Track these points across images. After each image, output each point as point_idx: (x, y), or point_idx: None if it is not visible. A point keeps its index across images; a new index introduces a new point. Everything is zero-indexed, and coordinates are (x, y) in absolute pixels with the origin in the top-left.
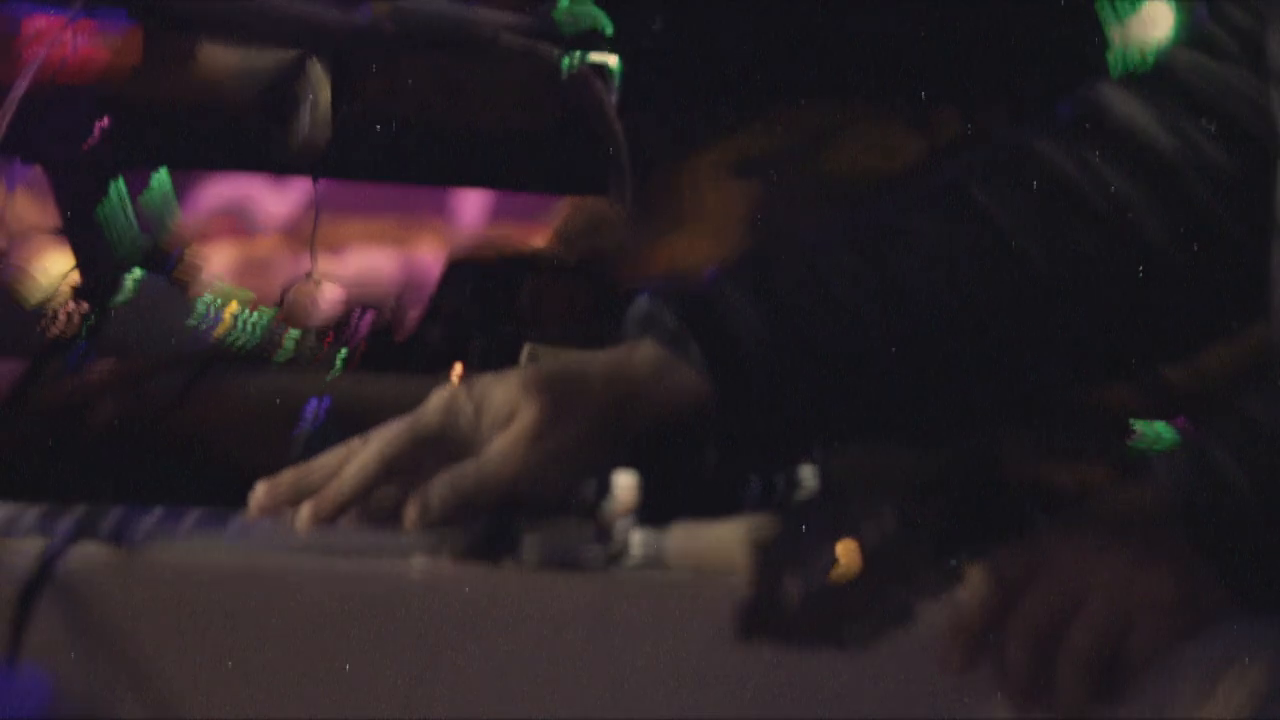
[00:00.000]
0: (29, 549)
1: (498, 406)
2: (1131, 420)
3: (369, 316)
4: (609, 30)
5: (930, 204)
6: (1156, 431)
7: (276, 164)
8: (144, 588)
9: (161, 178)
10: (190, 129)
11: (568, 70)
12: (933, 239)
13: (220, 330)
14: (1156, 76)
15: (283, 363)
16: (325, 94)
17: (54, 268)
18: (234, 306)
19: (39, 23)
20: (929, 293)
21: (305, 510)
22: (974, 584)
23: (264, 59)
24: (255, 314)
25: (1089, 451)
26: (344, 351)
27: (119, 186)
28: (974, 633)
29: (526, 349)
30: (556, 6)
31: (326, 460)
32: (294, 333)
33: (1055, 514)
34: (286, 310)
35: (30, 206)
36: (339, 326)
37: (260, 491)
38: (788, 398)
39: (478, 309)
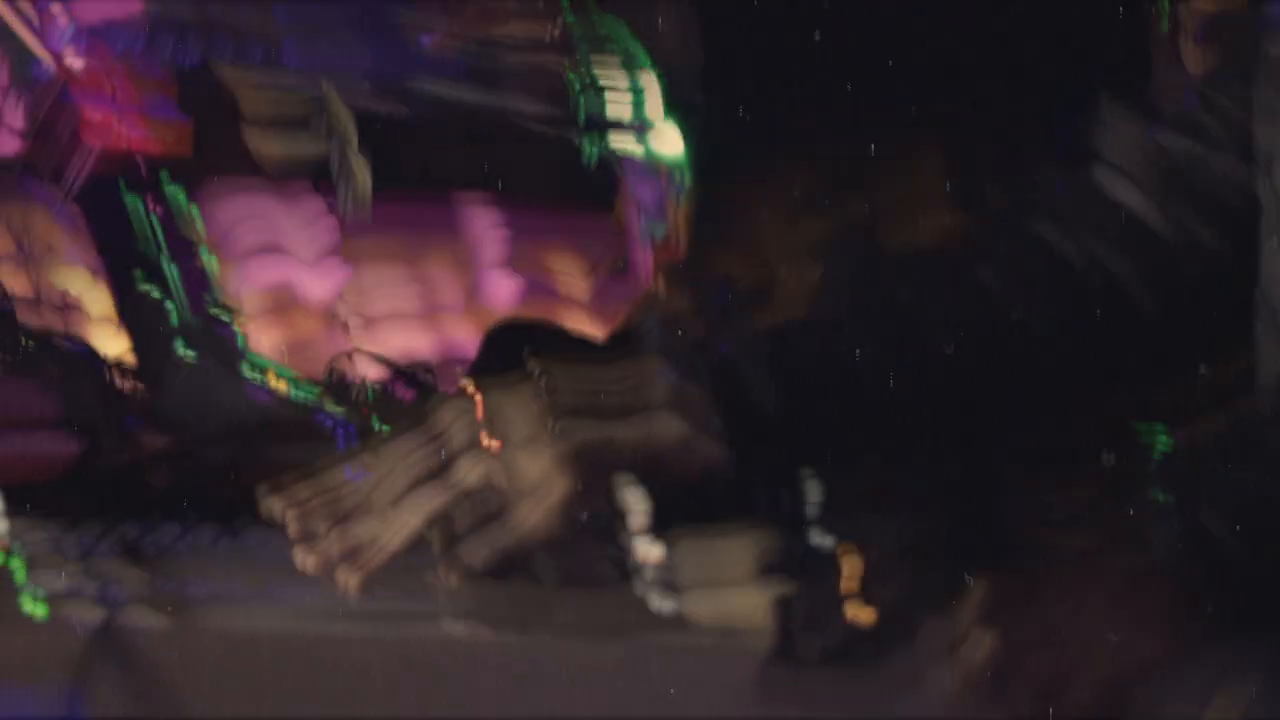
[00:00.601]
0: (90, 612)
1: (531, 476)
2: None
3: (409, 387)
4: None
5: (941, 283)
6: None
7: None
8: (196, 651)
9: (211, 261)
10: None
11: (589, 157)
12: (941, 317)
13: (267, 404)
14: (1152, 159)
15: (326, 431)
16: (365, 177)
17: (110, 349)
18: (281, 383)
19: (97, 114)
20: (937, 367)
21: (348, 576)
22: (979, 638)
23: (307, 147)
24: (300, 388)
25: (1091, 515)
26: (383, 421)
27: (171, 270)
28: (982, 685)
29: (557, 425)
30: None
31: (369, 528)
32: (335, 403)
33: (1060, 577)
34: (331, 385)
35: (92, 289)
36: (380, 399)
37: (309, 555)
38: (803, 459)
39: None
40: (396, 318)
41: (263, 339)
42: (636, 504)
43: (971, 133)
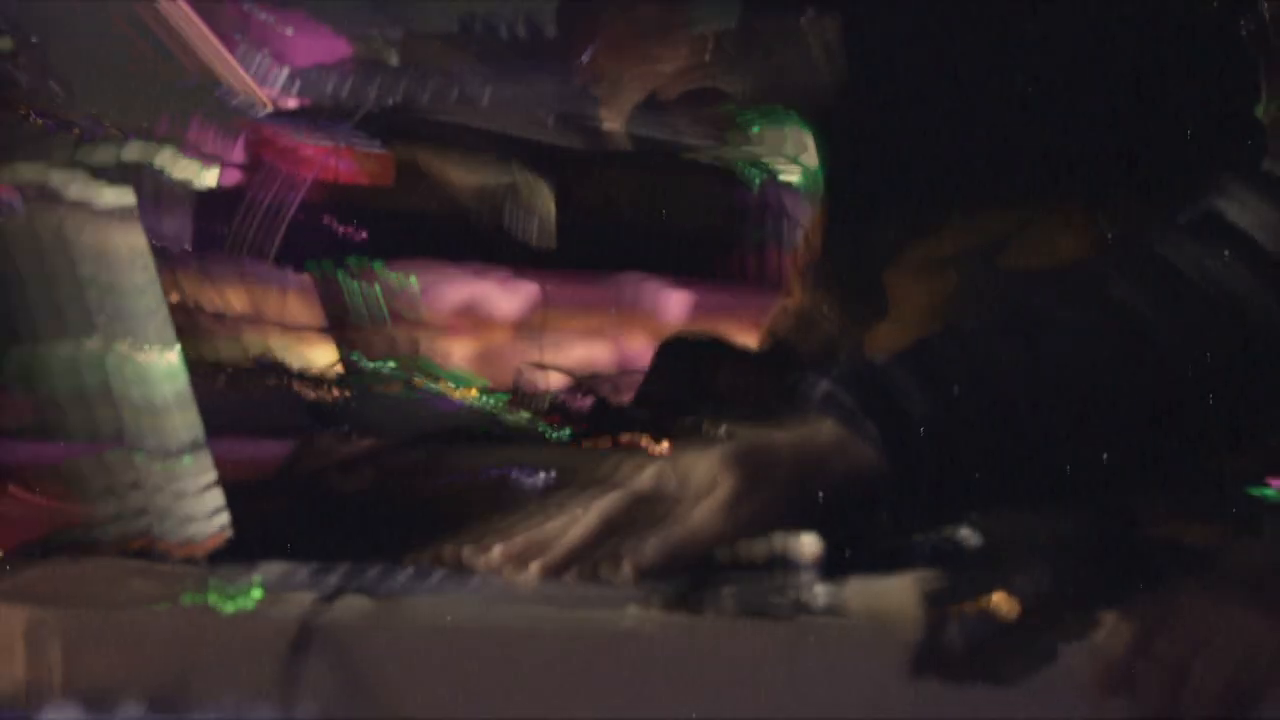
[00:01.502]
0: (301, 601)
1: (700, 478)
2: (1247, 485)
3: (589, 399)
4: (807, 145)
5: (1074, 298)
6: (1265, 494)
7: (510, 265)
8: (397, 636)
9: (411, 282)
10: (436, 238)
11: (757, 187)
12: (1076, 328)
13: (460, 411)
14: (1270, 186)
15: (513, 437)
16: (550, 206)
17: (321, 359)
18: (473, 392)
19: (309, 150)
20: (1073, 375)
21: (534, 568)
22: (1113, 629)
23: (498, 177)
24: (491, 398)
25: (1216, 513)
26: (568, 430)
27: (375, 289)
28: (1113, 672)
29: (724, 428)
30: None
31: (553, 524)
32: (524, 413)
33: (1185, 570)
34: (517, 393)
35: (301, 308)
36: (563, 408)
37: (496, 551)
38: (950, 469)
39: (683, 392)
40: (578, 333)
41: (457, 350)
42: (808, 542)
43: (1111, 191)
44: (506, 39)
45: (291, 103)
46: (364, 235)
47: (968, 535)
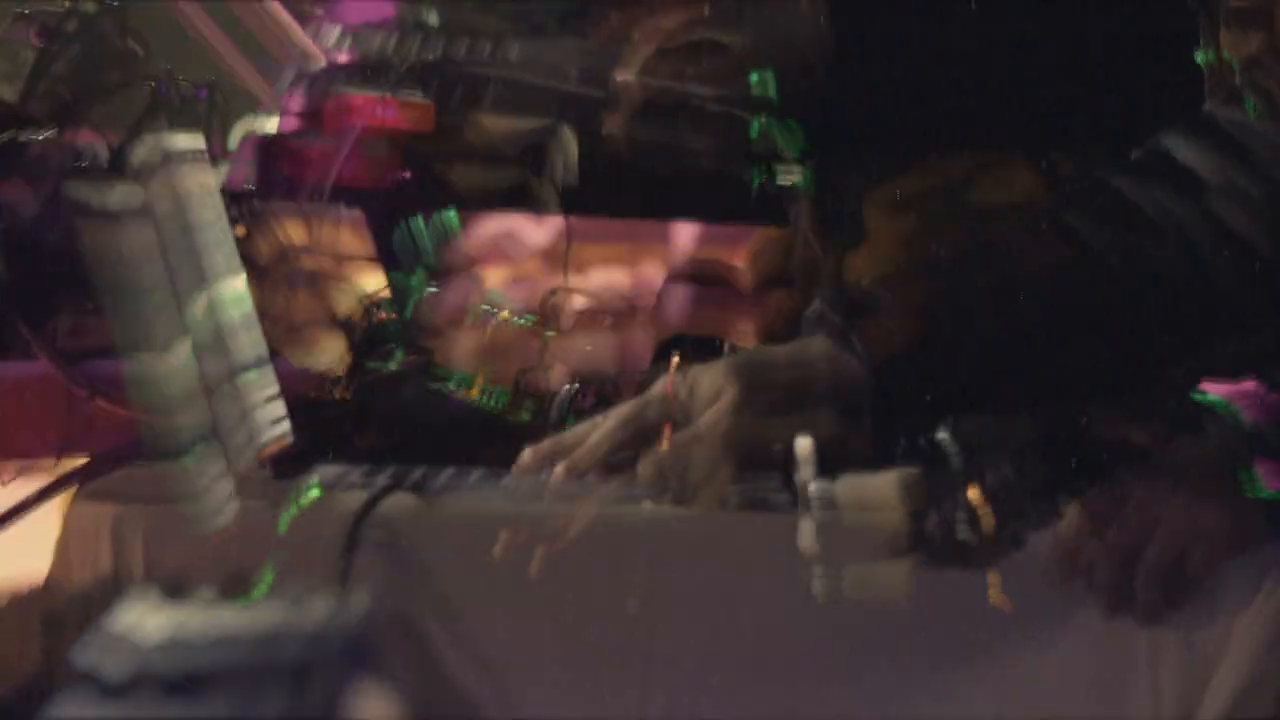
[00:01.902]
0: (355, 499)
1: (707, 387)
2: (1186, 390)
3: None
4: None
5: (1037, 230)
6: (1209, 399)
7: (537, 205)
8: (440, 528)
9: (450, 216)
10: (475, 176)
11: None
12: (1038, 257)
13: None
14: (1210, 128)
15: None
16: (574, 150)
17: (369, 284)
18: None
19: (358, 100)
20: (1033, 299)
21: (561, 468)
22: (1072, 518)
23: (528, 124)
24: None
25: (1160, 415)
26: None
27: (418, 222)
28: (1072, 555)
29: (727, 345)
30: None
31: (577, 430)
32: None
33: (1133, 465)
34: (543, 315)
35: (352, 239)
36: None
37: (526, 454)
38: (926, 380)
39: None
40: (600, 261)
41: (491, 276)
42: (804, 446)
43: (1061, 144)
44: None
45: (343, 57)
46: (408, 177)
47: (943, 438)
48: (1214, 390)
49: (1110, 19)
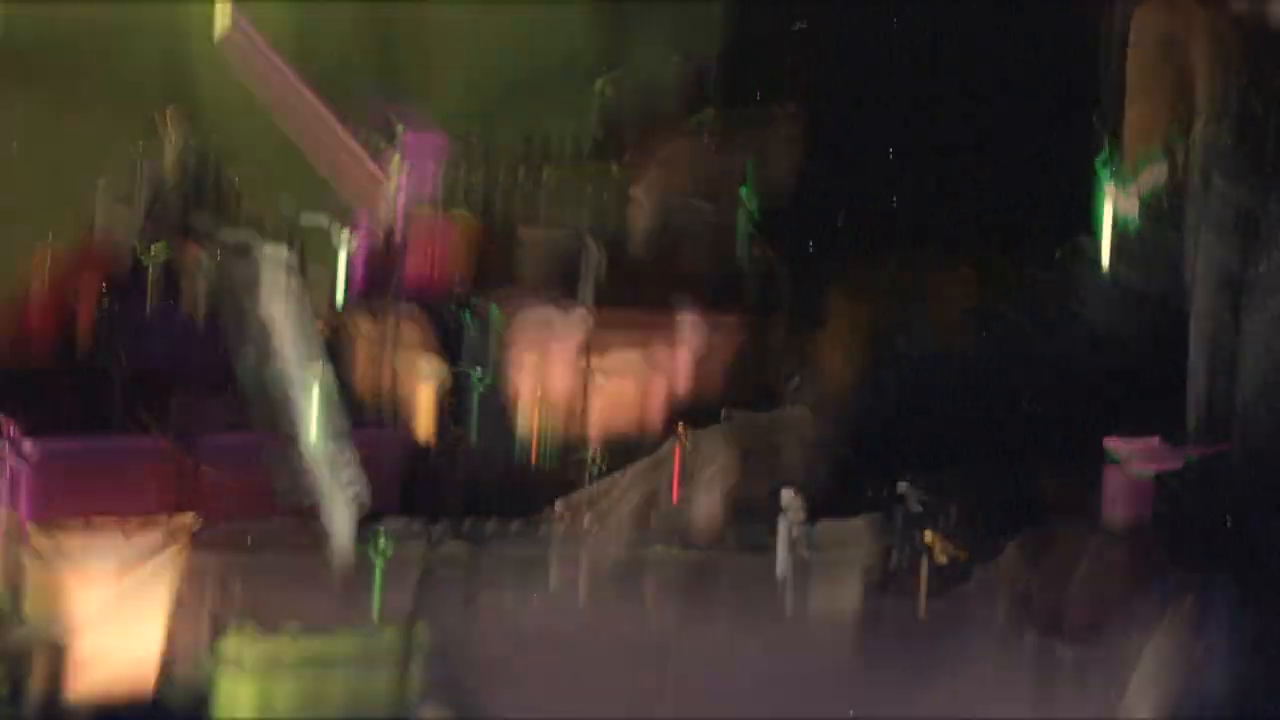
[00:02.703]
0: (418, 546)
1: (707, 449)
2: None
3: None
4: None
5: (979, 322)
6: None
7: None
8: (489, 567)
9: (496, 312)
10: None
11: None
12: (980, 343)
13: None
14: (1124, 237)
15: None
16: (594, 258)
17: (429, 370)
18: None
19: (416, 220)
20: (977, 378)
21: (587, 518)
22: (1009, 555)
23: (558, 237)
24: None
25: (1078, 471)
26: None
27: (467, 316)
28: (1011, 587)
29: (725, 411)
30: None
31: (601, 485)
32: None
33: (1060, 512)
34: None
35: (411, 331)
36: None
37: (559, 505)
38: (889, 443)
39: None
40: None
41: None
42: (787, 495)
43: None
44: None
45: (404, 184)
46: (462, 280)
47: (904, 489)
48: (1122, 446)
49: (1029, 137)
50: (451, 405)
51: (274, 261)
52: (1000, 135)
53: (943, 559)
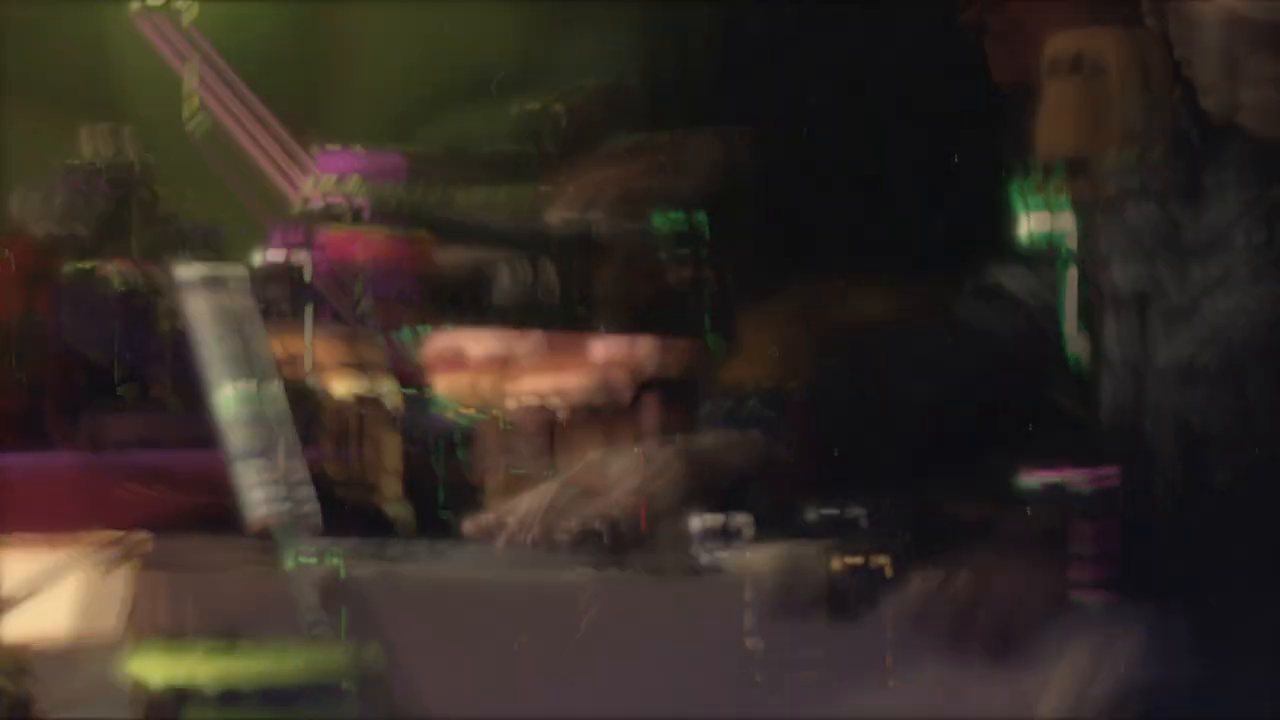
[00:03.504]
0: (328, 565)
1: (621, 471)
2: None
3: (540, 419)
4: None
5: (893, 349)
6: (1035, 485)
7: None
8: (398, 587)
9: (414, 331)
10: (428, 298)
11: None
12: (894, 371)
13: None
14: (1034, 263)
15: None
16: (511, 279)
17: (344, 387)
18: (452, 414)
19: (331, 237)
20: (891, 406)
21: (497, 538)
22: (919, 583)
23: (476, 256)
24: (466, 418)
25: (990, 498)
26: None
27: (381, 336)
28: (919, 614)
29: (640, 434)
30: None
31: (511, 504)
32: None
33: (972, 537)
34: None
35: (328, 351)
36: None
37: (470, 526)
38: (801, 468)
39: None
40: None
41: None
42: (700, 518)
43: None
44: (479, 155)
45: (318, 202)
46: (373, 299)
47: (817, 514)
48: (1039, 475)
49: (950, 159)
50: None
51: (230, 280)
52: (921, 158)
53: (869, 581)
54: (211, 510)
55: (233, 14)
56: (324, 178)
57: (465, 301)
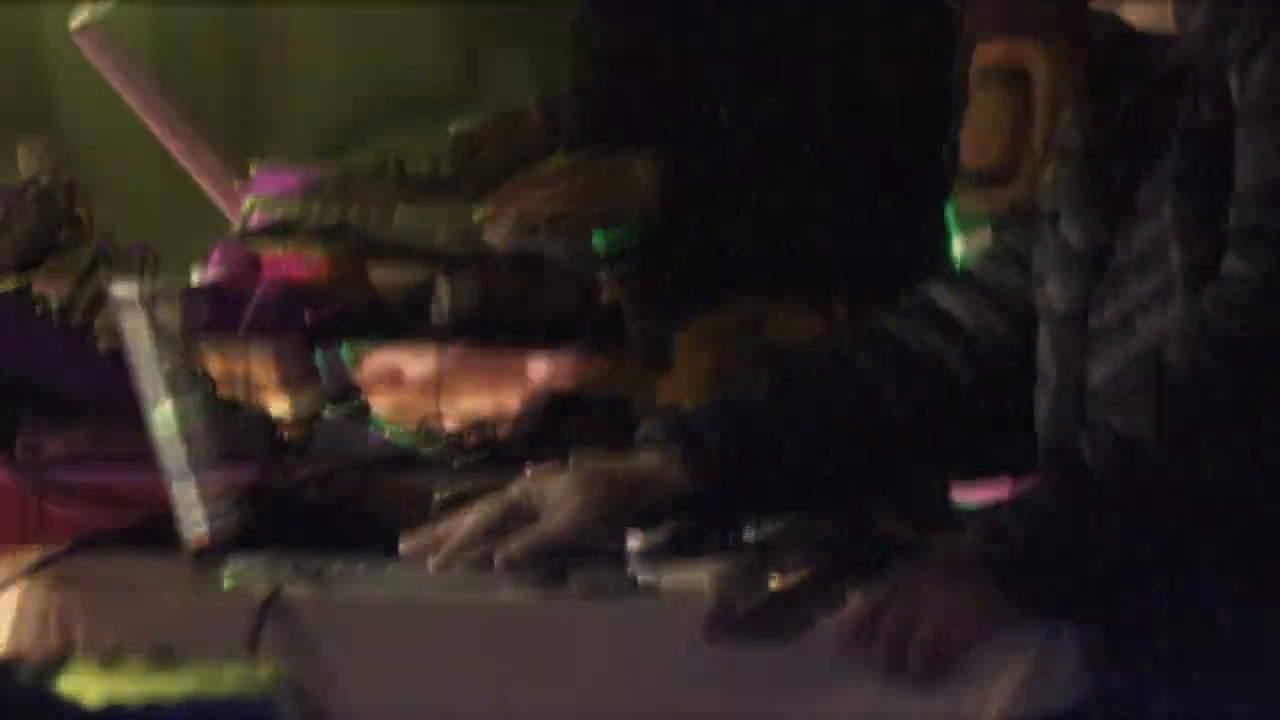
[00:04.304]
0: (262, 586)
1: (555, 493)
2: (945, 496)
3: (475, 436)
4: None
5: (825, 364)
6: (968, 505)
7: (415, 341)
8: (333, 609)
9: (346, 350)
10: (364, 318)
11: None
12: (826, 386)
13: (382, 444)
14: (966, 279)
15: (421, 465)
16: (446, 298)
17: (278, 408)
18: (388, 432)
19: (267, 256)
20: (823, 421)
21: (431, 560)
22: (854, 604)
23: (410, 276)
24: (403, 435)
25: (922, 516)
26: (459, 459)
27: (318, 356)
28: (854, 635)
29: (573, 456)
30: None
31: (445, 525)
32: (427, 447)
33: (905, 559)
34: (421, 434)
35: (263, 370)
36: (456, 442)
37: (404, 546)
38: (737, 487)
39: (544, 431)
40: (468, 391)
41: (377, 401)
42: (635, 539)
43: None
44: (413, 174)
45: (255, 221)
46: (308, 319)
47: (750, 534)
48: (973, 493)
49: (882, 180)
50: (305, 442)
51: (124, 299)
52: (853, 178)
53: (805, 598)
54: (146, 528)
55: (169, 32)
56: (262, 196)
57: (402, 320)
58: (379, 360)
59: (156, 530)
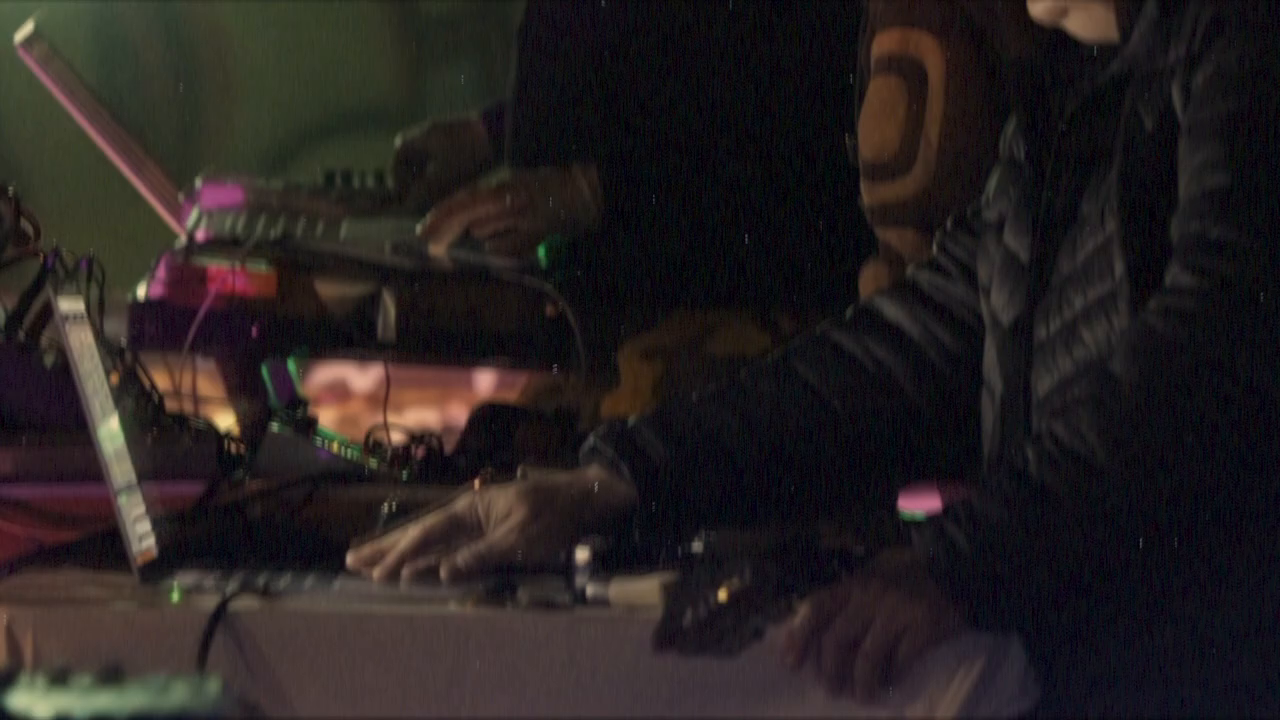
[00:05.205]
0: (210, 600)
1: (501, 506)
2: (891, 507)
3: (422, 449)
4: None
5: (771, 376)
6: (915, 515)
7: (361, 355)
8: (281, 622)
9: (293, 364)
10: (310, 332)
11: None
12: (772, 398)
13: (328, 458)
14: (912, 290)
15: (368, 478)
16: (392, 312)
17: (224, 422)
18: (335, 444)
19: (214, 270)
20: (770, 433)
21: (377, 572)
22: (802, 614)
23: (356, 289)
24: (350, 448)
25: (868, 529)
26: (406, 471)
27: (264, 369)
28: (802, 645)
29: (520, 469)
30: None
31: (391, 538)
32: (374, 459)
33: (853, 570)
34: (369, 445)
35: (209, 385)
36: (403, 454)
37: (350, 559)
38: (683, 499)
39: (489, 444)
40: (414, 403)
41: (324, 415)
42: (581, 553)
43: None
44: (359, 188)
45: (201, 235)
46: (255, 331)
47: (697, 546)
48: (919, 504)
49: (824, 190)
50: (252, 456)
51: (69, 314)
52: (795, 188)
53: (752, 610)
54: (93, 543)
55: (114, 46)
56: (208, 209)
57: (348, 334)
58: (325, 373)
59: (103, 545)
